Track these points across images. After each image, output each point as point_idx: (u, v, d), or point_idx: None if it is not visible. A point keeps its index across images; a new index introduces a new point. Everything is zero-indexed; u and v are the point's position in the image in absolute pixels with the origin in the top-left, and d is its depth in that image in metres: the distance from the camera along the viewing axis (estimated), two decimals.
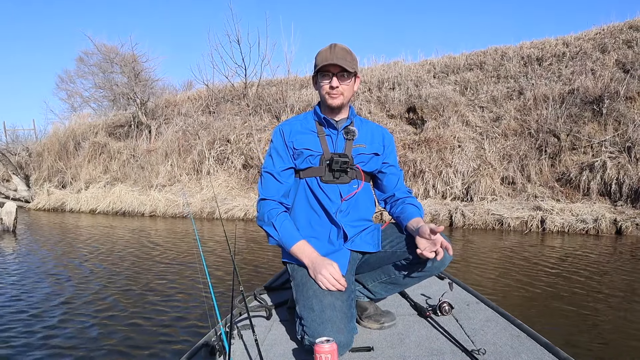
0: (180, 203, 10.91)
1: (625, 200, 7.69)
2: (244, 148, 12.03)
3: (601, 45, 10.96)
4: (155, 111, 15.23)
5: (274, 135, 1.84)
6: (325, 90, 1.73)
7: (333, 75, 1.70)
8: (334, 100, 1.74)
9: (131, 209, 11.46)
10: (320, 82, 1.75)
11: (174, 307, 3.75)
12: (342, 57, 1.68)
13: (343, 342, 1.45)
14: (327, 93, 1.73)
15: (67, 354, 2.92)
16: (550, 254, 5.60)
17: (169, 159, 12.97)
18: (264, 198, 1.77)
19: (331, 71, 1.70)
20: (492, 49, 12.70)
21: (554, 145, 8.98)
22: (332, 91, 1.72)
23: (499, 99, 10.51)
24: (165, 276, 4.82)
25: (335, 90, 1.71)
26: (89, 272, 5.13)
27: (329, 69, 1.70)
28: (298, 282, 1.66)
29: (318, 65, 1.71)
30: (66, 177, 14.73)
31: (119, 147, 14.72)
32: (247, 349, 1.57)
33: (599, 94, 9.21)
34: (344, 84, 1.73)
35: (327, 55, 1.69)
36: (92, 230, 8.70)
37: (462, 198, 8.96)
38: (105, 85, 15.34)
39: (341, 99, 1.74)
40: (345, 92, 1.74)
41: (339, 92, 1.72)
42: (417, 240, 1.62)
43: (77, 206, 12.46)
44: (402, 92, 11.66)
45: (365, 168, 1.83)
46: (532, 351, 1.50)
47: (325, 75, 1.73)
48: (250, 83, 11.95)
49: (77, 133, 16.15)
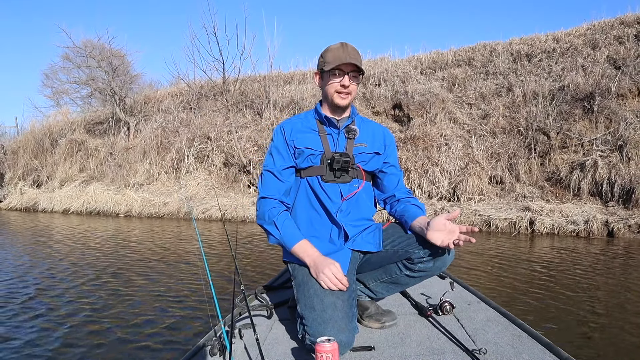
0: (157, 203, 10.46)
1: (616, 201, 7.39)
2: (225, 146, 11.59)
3: (592, 41, 10.68)
4: (134, 107, 14.70)
5: (274, 134, 1.82)
6: (335, 89, 1.72)
7: (345, 74, 1.70)
8: (343, 100, 1.74)
9: (106, 209, 10.96)
10: (330, 80, 1.73)
11: (175, 306, 3.74)
12: (355, 57, 1.69)
13: (344, 342, 1.44)
14: (337, 92, 1.72)
15: (67, 353, 2.89)
16: (542, 257, 5.27)
17: (147, 156, 12.49)
18: (265, 196, 1.75)
19: (344, 70, 1.69)
20: (480, 44, 12.40)
21: (543, 144, 8.66)
22: (343, 90, 1.71)
23: (487, 95, 10.18)
24: (165, 276, 4.79)
25: (346, 89, 1.71)
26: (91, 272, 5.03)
27: (342, 68, 1.69)
28: (299, 282, 1.66)
29: (331, 63, 1.69)
30: (41, 175, 14.17)
31: (96, 144, 14.20)
32: (248, 348, 1.57)
33: (589, 91, 8.92)
34: (354, 84, 1.73)
35: (341, 54, 1.68)
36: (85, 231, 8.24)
37: (448, 198, 8.61)
38: (81, 81, 14.75)
39: (349, 99, 1.74)
40: (353, 92, 1.75)
41: (348, 91, 1.72)
42: (430, 236, 1.59)
43: (50, 206, 11.93)
44: (387, 88, 11.29)
45: (366, 167, 1.82)
46: (533, 351, 1.48)
47: (337, 73, 1.71)
48: (230, 79, 11.52)
49: (54, 130, 15.60)
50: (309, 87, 12.67)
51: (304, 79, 13.63)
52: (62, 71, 15.45)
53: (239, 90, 12.98)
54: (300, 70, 14.47)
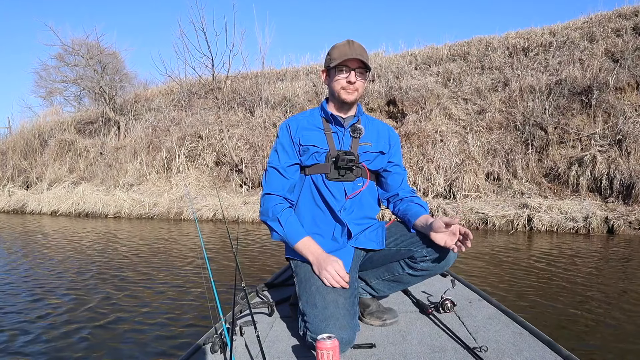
0: (147, 203, 10.22)
1: (616, 197, 7.20)
2: (217, 144, 11.35)
3: (589, 34, 10.48)
4: (124, 106, 14.44)
5: (280, 131, 1.83)
6: (341, 85, 1.72)
7: (352, 70, 1.70)
8: (349, 96, 1.73)
9: (94, 210, 10.71)
10: (336, 76, 1.73)
11: (176, 303, 3.74)
12: (361, 54, 1.68)
13: (345, 339, 1.45)
14: (343, 88, 1.72)
15: (68, 352, 2.89)
16: (541, 255, 5.07)
17: (138, 156, 12.24)
18: (268, 193, 1.75)
19: (350, 66, 1.69)
20: (476, 39, 12.18)
21: (540, 139, 8.46)
22: (349, 86, 1.71)
23: (483, 90, 9.97)
24: (166, 273, 4.78)
25: (353, 85, 1.71)
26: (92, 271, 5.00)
27: (348, 64, 1.69)
28: (301, 279, 1.66)
29: (336, 59, 1.69)
30: (31, 176, 13.90)
31: (86, 144, 13.93)
32: (249, 346, 1.57)
33: (587, 85, 8.72)
34: (360, 80, 1.73)
35: (347, 50, 1.69)
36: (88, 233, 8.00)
37: (444, 195, 8.40)
38: (69, 79, 14.47)
39: (355, 95, 1.74)
40: (360, 88, 1.74)
41: (355, 87, 1.72)
42: (433, 237, 1.61)
43: (38, 207, 11.66)
44: (381, 84, 11.07)
45: (370, 166, 1.82)
46: (534, 349, 1.48)
47: (343, 70, 1.71)
48: (221, 76, 11.27)
49: (44, 130, 15.33)
50: (302, 83, 12.45)
51: (296, 76, 13.40)
52: (52, 70, 15.20)
53: (230, 87, 12.74)
54: (293, 67, 14.23)
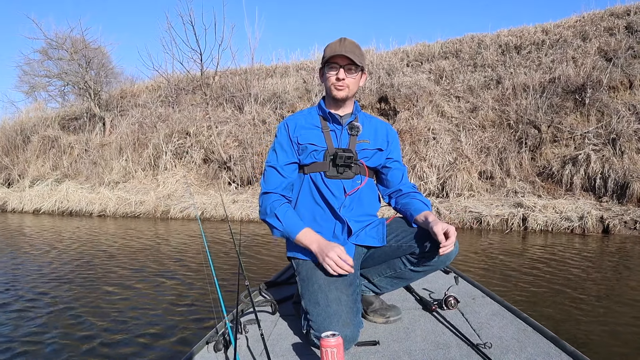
0: (133, 201, 9.95)
1: (610, 196, 7.13)
2: (205, 141, 11.11)
3: (582, 32, 10.43)
4: (110, 102, 14.09)
5: (278, 130, 1.83)
6: (331, 82, 1.73)
7: (340, 67, 1.70)
8: (339, 92, 1.73)
9: (79, 208, 10.41)
10: (327, 73, 1.75)
11: (179, 302, 3.72)
12: (350, 51, 1.69)
13: (349, 336, 1.44)
14: (333, 85, 1.73)
15: (70, 350, 2.88)
16: (539, 255, 4.96)
17: (124, 153, 11.94)
18: (267, 192, 1.75)
19: (339, 63, 1.70)
20: (468, 36, 12.09)
21: (534, 137, 8.38)
22: (337, 83, 1.71)
23: (475, 88, 9.87)
24: (170, 272, 4.75)
25: (342, 82, 1.71)
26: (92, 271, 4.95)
27: (336, 61, 1.70)
28: (303, 277, 1.66)
29: (326, 57, 1.72)
30: (12, 174, 13.52)
31: (70, 141, 13.58)
32: (252, 344, 1.57)
33: (581, 83, 8.65)
34: (350, 77, 1.73)
35: (336, 48, 1.69)
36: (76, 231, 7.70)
37: (437, 194, 8.27)
38: (52, 74, 14.08)
39: (346, 92, 1.74)
40: (351, 85, 1.73)
41: (345, 84, 1.72)
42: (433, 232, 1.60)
43: (20, 206, 11.32)
44: (373, 81, 10.91)
45: (369, 163, 1.81)
46: (538, 345, 1.47)
47: (332, 67, 1.72)
48: (209, 71, 11.02)
49: (27, 126, 14.92)
50: (292, 80, 12.24)
51: (286, 72, 13.19)
52: (35, 64, 14.78)
53: (218, 83, 12.48)
54: (282, 63, 14.02)
